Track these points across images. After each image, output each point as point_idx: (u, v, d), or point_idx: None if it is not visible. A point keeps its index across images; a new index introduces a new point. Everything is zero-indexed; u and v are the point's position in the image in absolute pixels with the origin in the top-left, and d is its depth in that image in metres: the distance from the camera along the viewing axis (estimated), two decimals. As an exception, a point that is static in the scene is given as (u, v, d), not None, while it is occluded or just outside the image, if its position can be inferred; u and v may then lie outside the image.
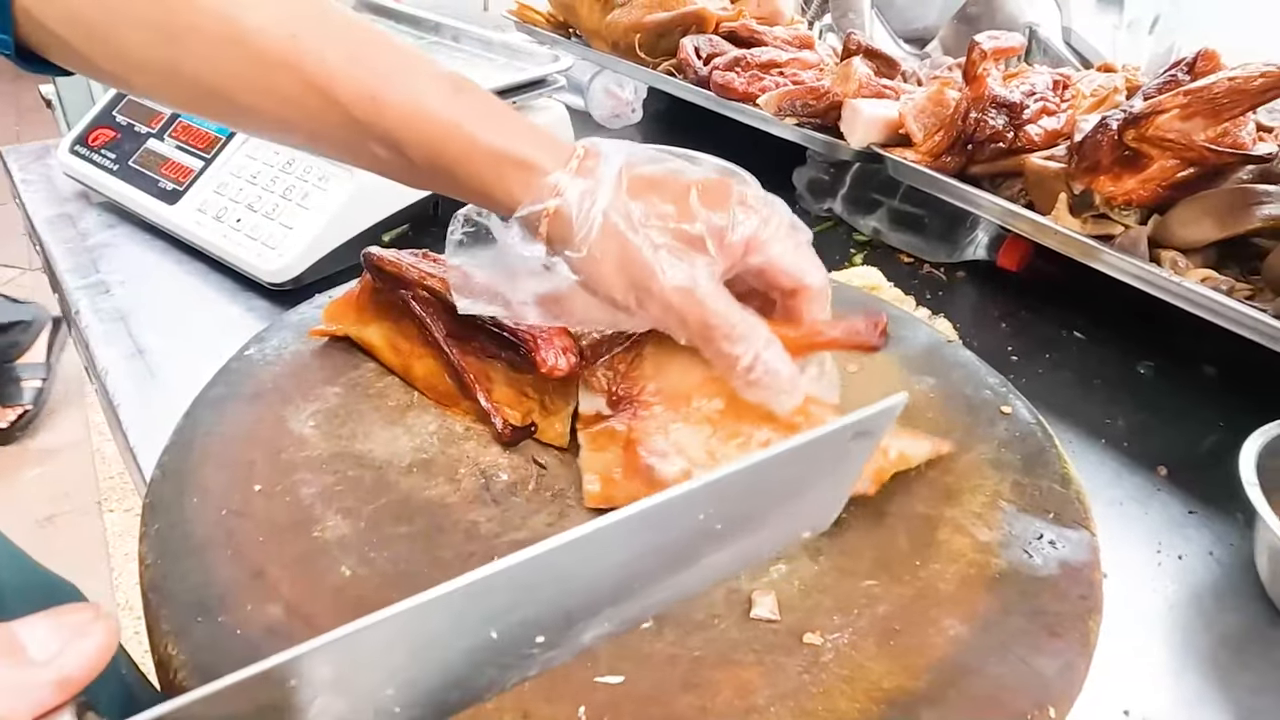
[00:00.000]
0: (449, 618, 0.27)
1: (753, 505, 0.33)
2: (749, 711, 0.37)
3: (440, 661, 0.29)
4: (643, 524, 0.29)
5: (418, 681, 0.28)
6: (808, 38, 1.20)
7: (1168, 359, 0.84)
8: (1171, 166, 0.77)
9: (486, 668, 0.30)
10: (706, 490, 0.30)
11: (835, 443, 0.34)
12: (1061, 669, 0.39)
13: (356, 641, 0.26)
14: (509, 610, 0.29)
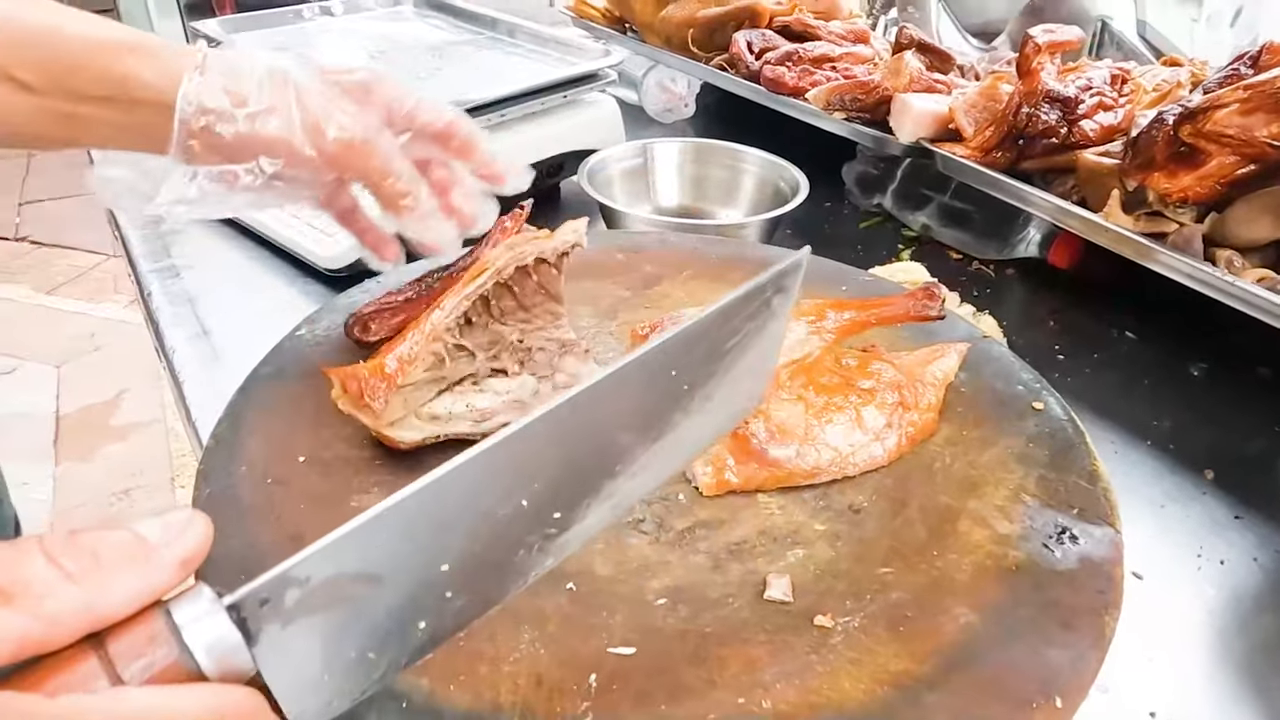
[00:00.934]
0: (488, 474, 0.31)
1: (710, 361, 0.38)
2: (754, 686, 0.38)
3: (484, 531, 0.32)
4: (636, 373, 0.35)
5: (467, 559, 0.32)
6: (863, 32, 1.19)
7: (1221, 360, 0.82)
8: (1231, 163, 0.75)
9: (516, 551, 0.33)
10: (678, 341, 0.36)
11: (759, 297, 0.39)
12: (1072, 660, 0.39)
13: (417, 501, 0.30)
14: (535, 473, 0.33)
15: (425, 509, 0.30)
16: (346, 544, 0.29)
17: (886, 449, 0.50)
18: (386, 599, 0.30)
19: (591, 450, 0.35)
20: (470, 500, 0.31)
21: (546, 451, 0.33)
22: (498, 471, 0.32)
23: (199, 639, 0.25)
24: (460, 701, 0.36)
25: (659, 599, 0.42)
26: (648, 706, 0.37)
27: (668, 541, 0.46)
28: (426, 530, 0.30)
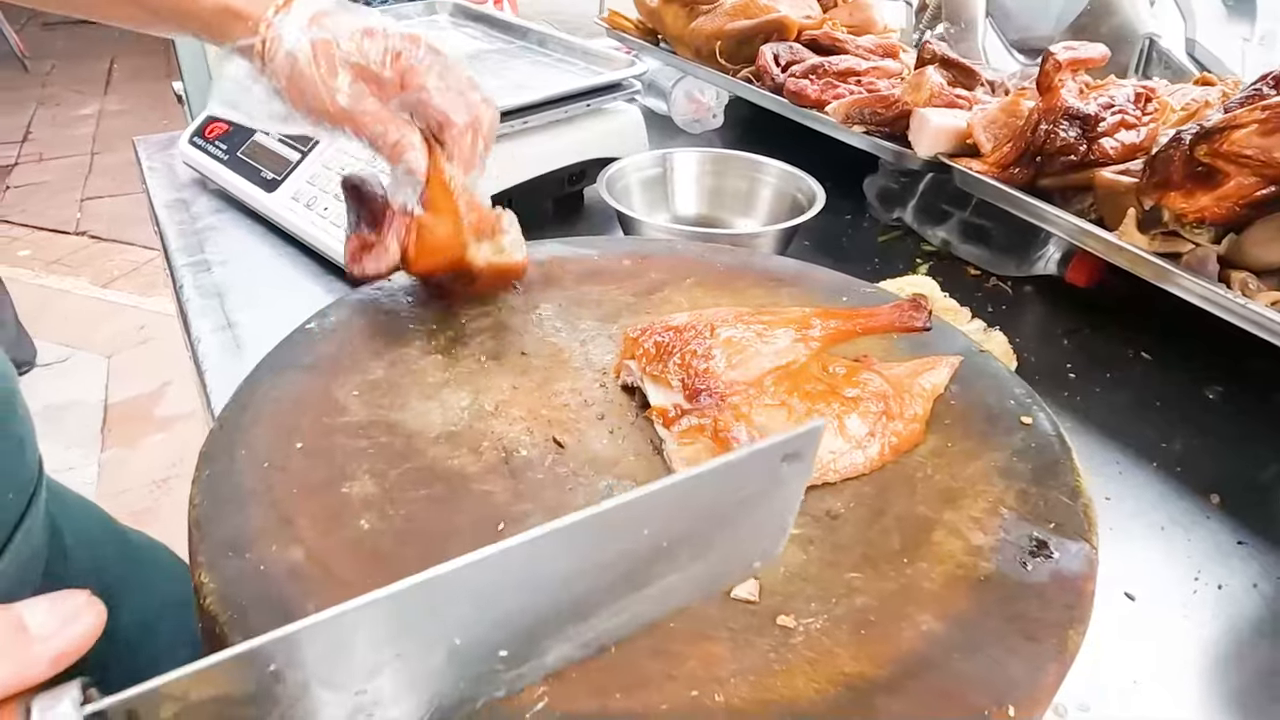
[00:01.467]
0: (420, 609, 0.29)
1: (693, 523, 0.34)
2: (710, 681, 0.39)
3: (415, 667, 0.30)
4: (589, 531, 0.31)
5: (387, 691, 0.30)
6: (893, 47, 1.20)
7: (1238, 385, 0.81)
8: (1250, 184, 0.74)
9: (457, 681, 0.31)
10: (643, 503, 0.32)
11: (765, 463, 0.35)
12: (1030, 672, 0.39)
13: (338, 624, 0.28)
14: (473, 616, 0.30)
15: (331, 636, 0.28)
16: (233, 667, 0.27)
17: (868, 457, 0.51)
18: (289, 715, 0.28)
19: (547, 597, 0.32)
20: (393, 633, 0.29)
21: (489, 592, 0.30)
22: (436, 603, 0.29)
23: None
24: (423, 681, 0.38)
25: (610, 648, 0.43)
26: (602, 696, 0.38)
27: (644, 539, 0.47)
28: (333, 654, 0.28)
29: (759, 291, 0.68)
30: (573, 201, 1.08)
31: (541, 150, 0.96)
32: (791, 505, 0.37)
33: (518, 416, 0.55)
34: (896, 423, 0.52)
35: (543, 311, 0.66)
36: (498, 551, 0.29)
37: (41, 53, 5.02)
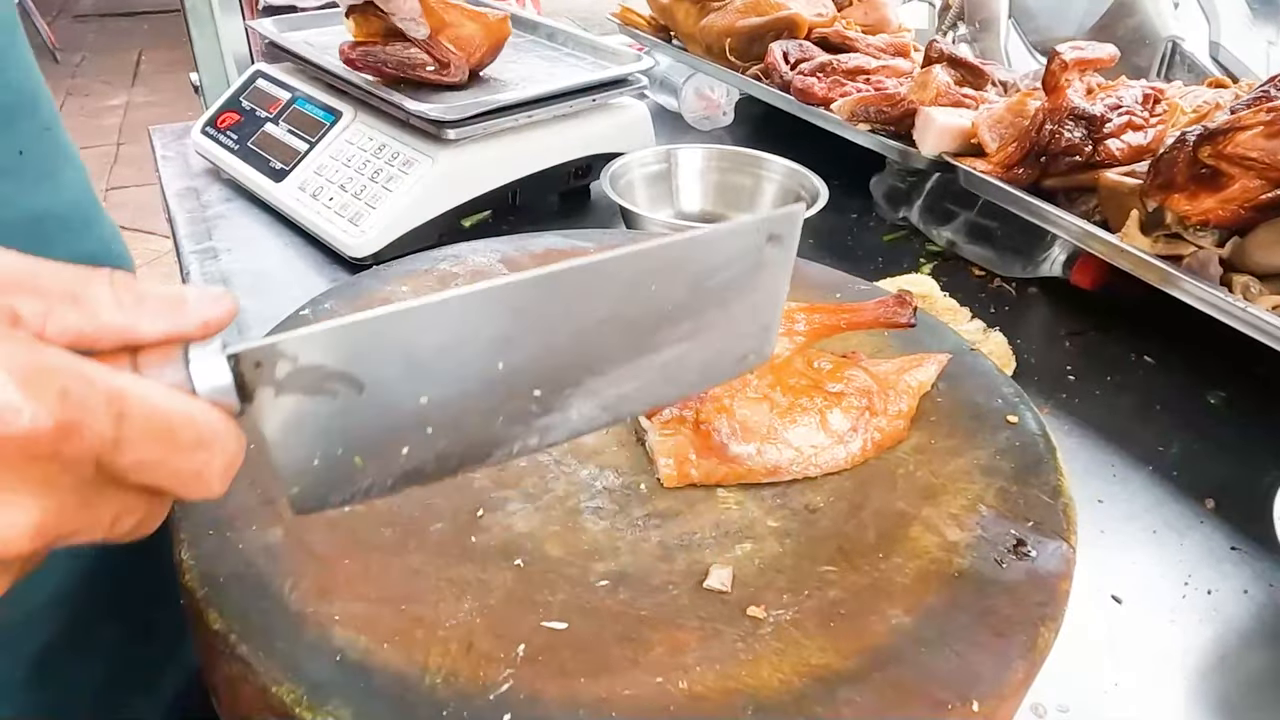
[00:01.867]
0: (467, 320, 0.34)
1: (688, 291, 0.38)
2: (675, 668, 0.39)
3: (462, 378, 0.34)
4: (612, 270, 0.36)
5: (446, 400, 0.34)
6: (904, 46, 1.19)
7: (1242, 391, 0.80)
8: (1255, 187, 0.73)
9: (496, 415, 0.36)
10: (642, 257, 0.36)
11: (750, 239, 0.39)
12: (996, 668, 0.39)
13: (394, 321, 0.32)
14: (511, 338, 0.35)
15: (402, 329, 0.33)
16: (331, 338, 0.32)
17: (850, 453, 0.51)
18: (369, 409, 0.33)
19: (571, 336, 0.36)
20: (446, 337, 0.33)
21: (522, 317, 0.35)
22: (475, 319, 0.34)
23: (200, 371, 0.30)
24: (391, 660, 0.38)
25: (602, 580, 0.44)
26: (567, 679, 0.38)
27: (622, 528, 0.47)
28: (403, 351, 0.33)
29: (752, 286, 0.68)
30: (578, 196, 1.08)
31: (547, 144, 0.97)
32: (776, 298, 0.42)
33: (504, 405, 0.56)
34: (880, 419, 0.52)
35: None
36: (522, 279, 0.34)
37: (72, 45, 5.10)
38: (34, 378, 0.25)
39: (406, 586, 0.42)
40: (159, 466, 0.28)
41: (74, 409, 0.25)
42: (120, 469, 0.27)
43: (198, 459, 0.29)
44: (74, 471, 0.26)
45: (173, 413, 0.28)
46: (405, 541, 0.45)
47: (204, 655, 0.42)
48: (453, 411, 0.35)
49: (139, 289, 0.30)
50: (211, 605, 0.40)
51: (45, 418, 0.25)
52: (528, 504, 0.49)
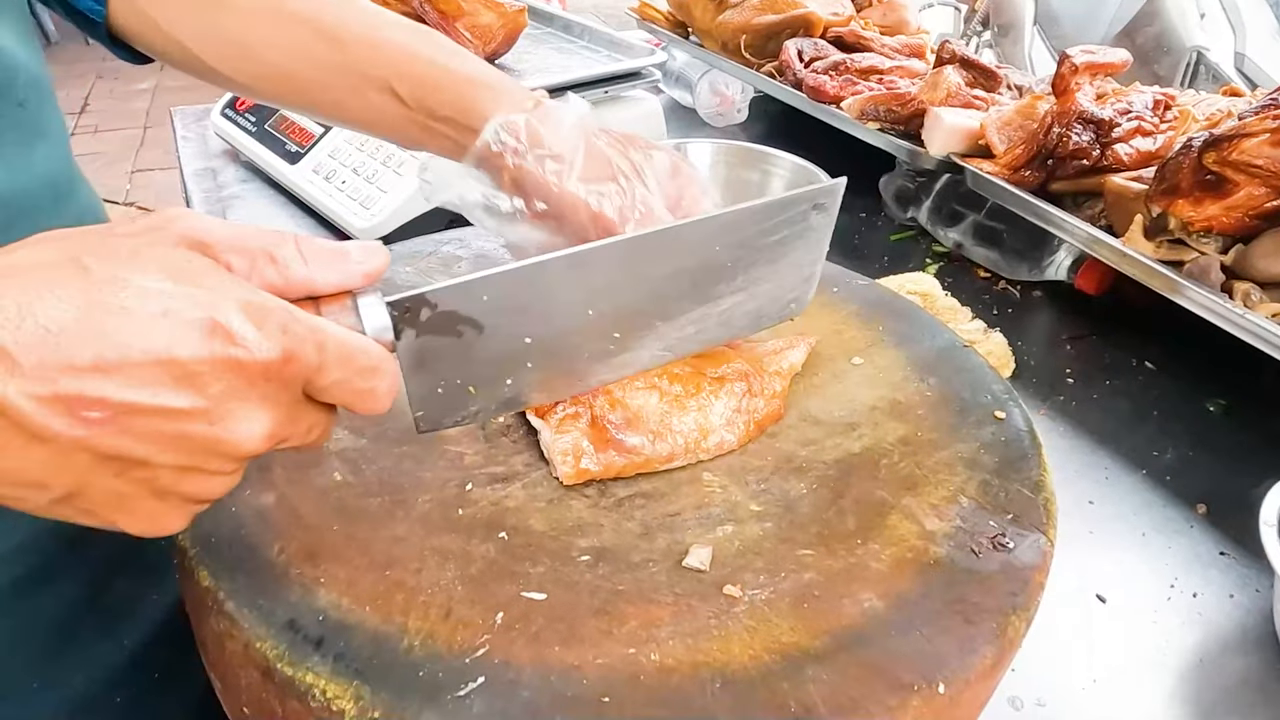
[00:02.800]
0: (569, 274, 0.42)
1: (745, 250, 0.47)
2: (647, 641, 0.40)
3: (559, 321, 0.43)
4: (687, 234, 0.45)
5: (544, 338, 0.43)
6: (919, 46, 1.19)
7: (1242, 399, 0.80)
8: (1260, 195, 0.73)
9: (583, 353, 0.45)
10: (715, 223, 0.46)
11: (798, 209, 0.48)
12: (963, 652, 0.40)
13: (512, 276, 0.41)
14: (602, 288, 0.44)
15: (518, 283, 0.41)
16: (464, 289, 0.39)
17: (736, 435, 0.52)
18: (484, 347, 0.41)
19: (648, 288, 0.45)
20: (551, 289, 0.42)
21: (612, 273, 0.44)
22: (575, 274, 0.42)
23: (368, 315, 0.37)
24: (371, 621, 0.39)
25: (583, 555, 0.45)
26: (541, 647, 0.39)
27: (606, 507, 0.48)
28: (517, 300, 0.41)
29: (751, 278, 0.69)
30: (589, 187, 1.09)
31: (558, 134, 0.98)
32: (818, 254, 0.52)
33: (499, 385, 0.57)
34: (758, 400, 0.53)
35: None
36: (613, 242, 0.44)
37: (104, 28, 5.16)
38: (262, 316, 0.32)
39: (391, 553, 0.43)
40: (346, 387, 0.35)
41: (292, 341, 0.32)
42: (319, 389, 0.34)
43: (372, 381, 0.36)
44: (289, 390, 0.33)
45: (354, 346, 0.35)
46: (393, 512, 0.46)
47: (193, 611, 0.44)
48: (549, 350, 0.44)
49: (315, 246, 0.36)
50: (202, 564, 0.42)
51: (275, 349, 0.32)
52: (515, 480, 0.50)
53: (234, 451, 0.32)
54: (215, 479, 0.34)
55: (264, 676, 0.38)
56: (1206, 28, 1.56)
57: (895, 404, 0.56)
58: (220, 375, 0.31)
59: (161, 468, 0.32)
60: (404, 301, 0.38)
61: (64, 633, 0.55)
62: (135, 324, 0.30)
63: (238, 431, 0.32)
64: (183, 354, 0.30)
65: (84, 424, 0.30)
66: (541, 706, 0.36)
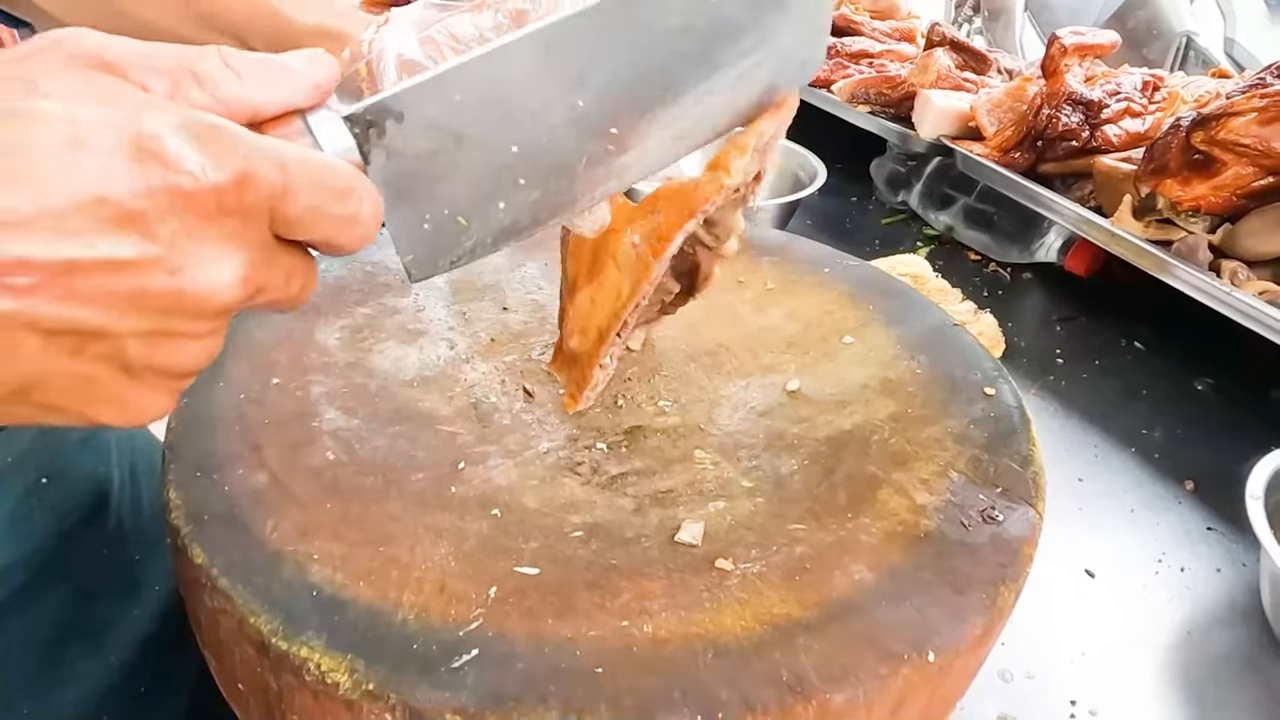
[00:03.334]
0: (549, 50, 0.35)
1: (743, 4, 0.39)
2: (640, 613, 0.40)
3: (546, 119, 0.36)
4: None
5: (534, 147, 0.37)
6: (909, 30, 1.20)
7: (1231, 379, 0.80)
8: (1248, 174, 0.74)
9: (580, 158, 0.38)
10: None
11: None
12: (953, 622, 0.40)
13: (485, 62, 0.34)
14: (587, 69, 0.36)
15: (492, 70, 0.34)
16: (429, 86, 0.33)
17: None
18: (468, 164, 0.35)
19: (641, 61, 0.37)
20: (530, 78, 0.35)
21: (595, 48, 0.36)
22: (552, 54, 0.35)
23: (324, 135, 0.32)
24: (365, 596, 0.40)
25: (575, 532, 0.45)
26: (535, 620, 0.39)
27: (599, 484, 0.49)
28: (494, 94, 0.35)
29: (741, 260, 0.69)
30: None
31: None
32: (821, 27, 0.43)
33: (493, 367, 0.57)
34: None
35: (528, 269, 0.67)
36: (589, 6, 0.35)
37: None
38: (205, 137, 0.26)
39: (384, 530, 0.43)
40: (321, 214, 0.30)
41: (245, 161, 0.27)
42: (289, 221, 0.29)
43: (350, 204, 0.30)
44: (254, 225, 0.28)
45: (321, 164, 0.30)
46: (386, 490, 0.46)
47: (186, 589, 0.44)
48: (540, 159, 0.37)
49: (243, 58, 0.30)
50: (195, 541, 0.42)
51: (226, 170, 0.27)
52: (508, 459, 0.50)
53: (204, 305, 0.28)
54: (191, 344, 0.29)
55: (258, 652, 0.38)
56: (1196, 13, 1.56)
57: (886, 382, 0.57)
58: (166, 211, 0.26)
59: (125, 336, 0.27)
60: (364, 114, 0.32)
61: (51, 654, 0.56)
62: (46, 163, 0.25)
63: (203, 280, 0.27)
64: (113, 190, 0.25)
65: (13, 293, 0.25)
66: (536, 677, 0.36)
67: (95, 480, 0.61)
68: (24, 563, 0.53)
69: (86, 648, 0.58)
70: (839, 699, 0.37)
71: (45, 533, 0.55)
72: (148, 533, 0.65)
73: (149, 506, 0.66)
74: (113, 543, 0.60)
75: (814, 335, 0.61)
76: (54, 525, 0.56)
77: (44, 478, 0.54)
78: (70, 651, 0.57)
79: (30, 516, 0.54)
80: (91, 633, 0.58)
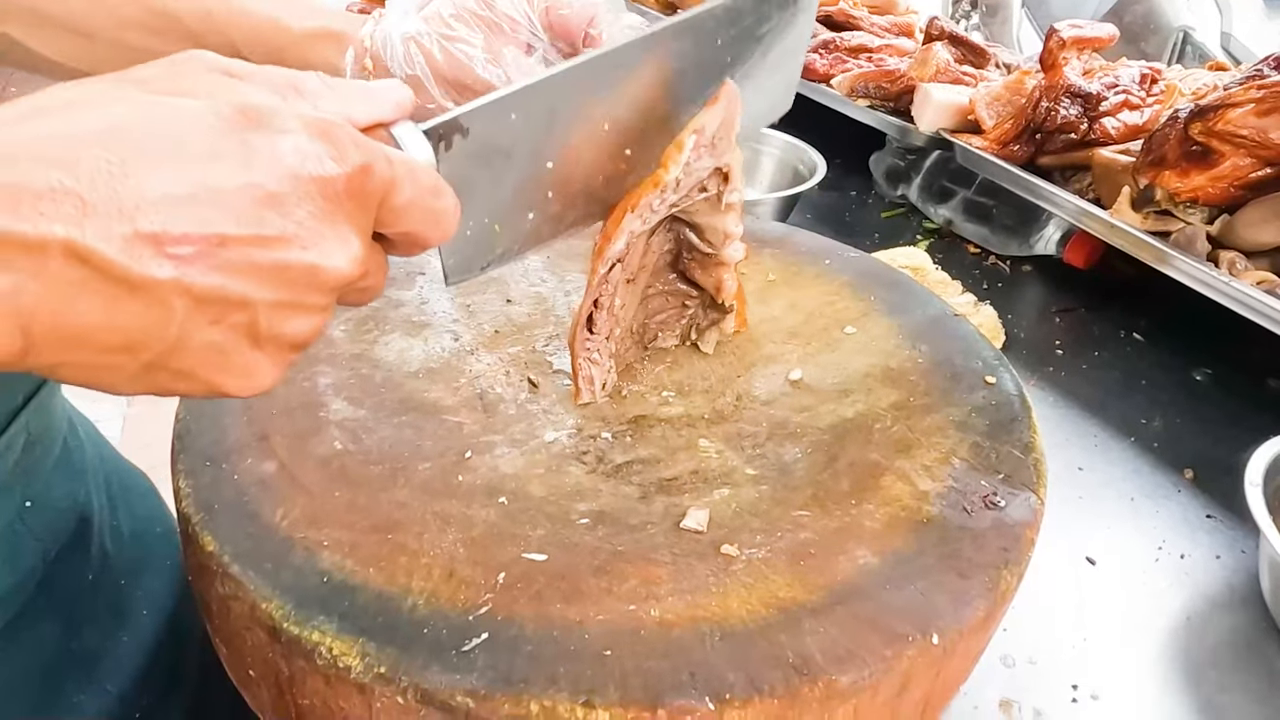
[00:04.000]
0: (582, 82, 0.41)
1: (744, 40, 0.48)
2: (647, 598, 0.40)
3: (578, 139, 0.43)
4: (689, 29, 0.45)
5: (565, 163, 0.43)
6: (908, 25, 1.20)
7: (1229, 369, 0.81)
8: (1246, 165, 0.74)
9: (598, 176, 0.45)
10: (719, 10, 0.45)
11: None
12: (956, 605, 0.40)
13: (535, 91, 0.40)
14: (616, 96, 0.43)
15: (546, 97, 0.40)
16: (493, 109, 0.39)
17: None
18: (511, 177, 0.41)
19: (656, 93, 0.44)
20: (573, 104, 0.41)
21: (623, 80, 0.43)
22: (593, 84, 0.42)
23: (410, 145, 0.36)
24: (375, 582, 0.40)
25: (582, 519, 0.45)
26: (543, 605, 0.40)
27: (604, 473, 0.49)
28: (543, 118, 0.41)
29: (743, 252, 0.69)
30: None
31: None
32: (801, 45, 0.52)
33: (497, 358, 0.57)
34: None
35: (530, 262, 0.68)
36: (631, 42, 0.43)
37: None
38: (328, 131, 0.30)
39: (392, 518, 0.44)
40: (420, 206, 0.34)
41: (365, 154, 0.31)
42: (394, 210, 0.33)
43: (441, 202, 0.35)
44: (367, 212, 0.32)
45: (417, 164, 0.34)
46: (394, 478, 0.47)
47: (197, 578, 0.44)
48: (569, 176, 0.44)
49: (337, 80, 0.34)
50: (206, 529, 0.42)
51: (354, 161, 0.30)
52: (514, 449, 0.50)
53: (331, 279, 0.31)
54: (310, 317, 0.32)
55: (270, 637, 0.39)
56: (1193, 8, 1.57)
57: (888, 371, 0.57)
58: (303, 195, 0.29)
59: (260, 306, 0.30)
60: (439, 128, 0.37)
61: (49, 684, 0.56)
62: (198, 147, 0.28)
63: (333, 256, 0.30)
64: (258, 175, 0.28)
65: (174, 261, 0.27)
66: (545, 660, 0.37)
67: (76, 505, 0.61)
68: (17, 590, 0.54)
69: (81, 679, 0.58)
70: (844, 680, 0.37)
71: (33, 560, 0.55)
72: (131, 559, 0.65)
73: (129, 534, 0.66)
74: (97, 569, 0.61)
75: (816, 325, 0.61)
76: (40, 553, 0.56)
77: (28, 501, 0.55)
78: (67, 683, 0.57)
79: (19, 543, 0.54)
80: (85, 663, 0.58)
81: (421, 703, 0.36)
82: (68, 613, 0.58)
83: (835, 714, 0.38)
